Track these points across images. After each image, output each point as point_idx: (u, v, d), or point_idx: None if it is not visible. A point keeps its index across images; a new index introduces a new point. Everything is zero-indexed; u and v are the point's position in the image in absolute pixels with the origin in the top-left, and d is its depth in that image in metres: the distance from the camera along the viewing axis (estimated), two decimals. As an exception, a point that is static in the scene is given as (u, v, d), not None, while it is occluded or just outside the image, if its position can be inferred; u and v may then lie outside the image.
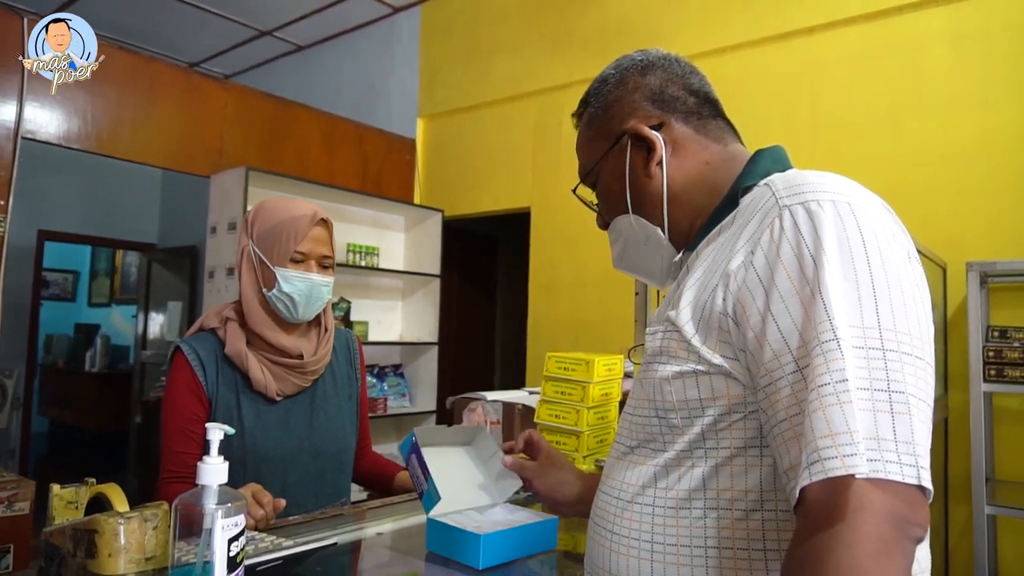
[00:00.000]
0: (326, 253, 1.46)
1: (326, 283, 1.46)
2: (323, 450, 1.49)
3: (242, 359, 1.41)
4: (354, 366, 1.63)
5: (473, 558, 1.08)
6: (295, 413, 1.47)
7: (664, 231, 0.86)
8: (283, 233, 1.41)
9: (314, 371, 1.49)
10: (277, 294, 1.41)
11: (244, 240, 1.46)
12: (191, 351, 1.41)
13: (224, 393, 1.40)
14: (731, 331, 0.69)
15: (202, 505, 0.78)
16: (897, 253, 0.66)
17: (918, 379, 0.61)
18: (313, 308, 1.45)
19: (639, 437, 0.79)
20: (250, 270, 1.44)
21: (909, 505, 0.57)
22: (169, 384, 1.40)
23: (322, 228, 1.46)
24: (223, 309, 1.47)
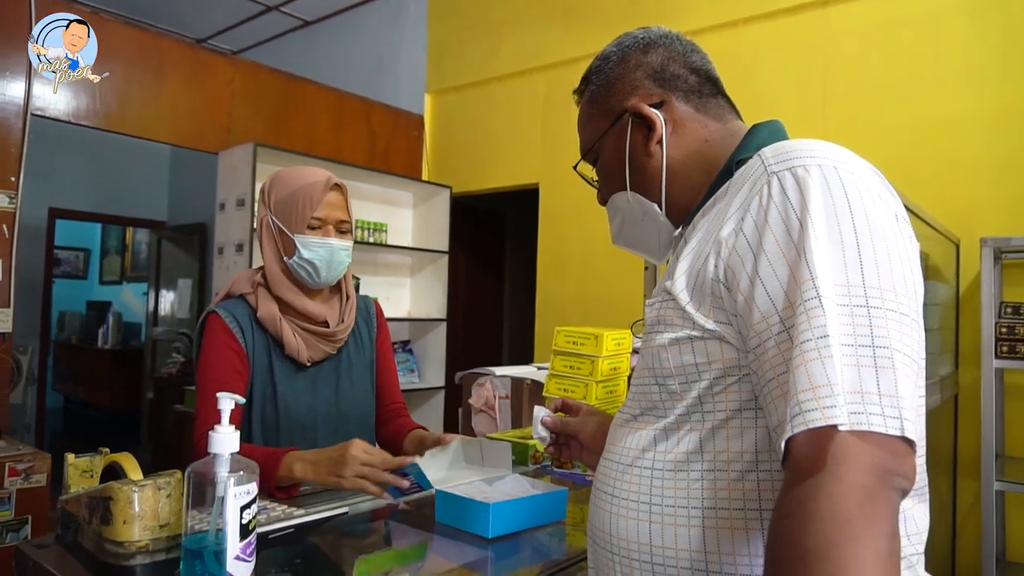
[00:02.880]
0: (343, 217, 1.48)
1: (345, 247, 1.47)
2: (348, 415, 1.53)
3: (276, 324, 1.43)
4: (373, 331, 1.64)
5: (482, 527, 1.10)
6: (322, 379, 1.50)
7: (661, 207, 0.88)
8: (299, 200, 1.43)
9: (341, 339, 1.52)
10: (298, 261, 1.43)
11: (262, 211, 1.48)
12: (227, 314, 1.43)
13: (260, 357, 1.43)
14: (723, 296, 0.71)
15: (215, 473, 0.80)
16: (883, 213, 0.67)
17: (903, 335, 0.62)
18: (335, 273, 1.47)
19: (642, 405, 0.81)
20: (270, 239, 1.46)
21: (893, 456, 0.58)
22: (207, 345, 1.41)
23: (337, 193, 1.47)
24: (253, 275, 1.49)
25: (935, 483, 0.75)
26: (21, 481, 2.37)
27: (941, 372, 2.39)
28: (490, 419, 2.12)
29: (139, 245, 7.49)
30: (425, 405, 4.26)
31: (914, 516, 0.72)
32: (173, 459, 2.63)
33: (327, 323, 1.49)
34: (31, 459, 2.40)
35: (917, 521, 0.72)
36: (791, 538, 0.56)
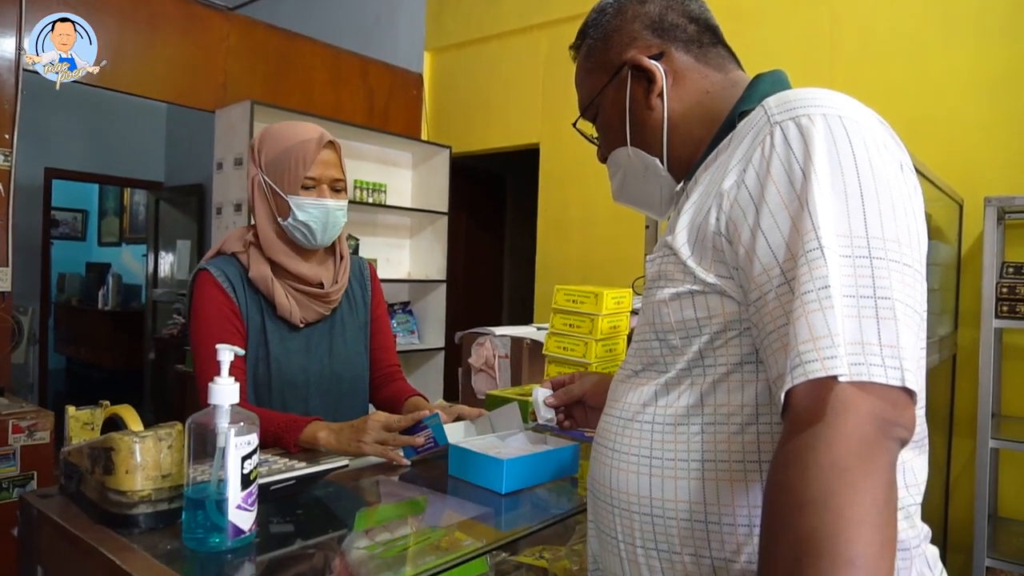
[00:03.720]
0: (337, 176, 1.44)
1: (340, 207, 1.44)
2: (342, 376, 1.52)
3: (267, 285, 1.41)
4: (367, 292, 1.63)
5: (496, 483, 1.10)
6: (316, 340, 1.49)
7: (663, 162, 0.86)
8: (291, 159, 1.39)
9: (334, 300, 1.50)
10: (293, 223, 1.40)
11: (253, 170, 1.44)
12: (219, 272, 1.41)
13: (252, 316, 1.42)
14: (725, 250, 0.70)
15: (215, 424, 0.80)
16: (888, 163, 0.66)
17: (906, 286, 0.62)
18: (331, 234, 1.45)
19: (643, 361, 0.81)
20: (263, 200, 1.43)
21: (893, 406, 0.58)
22: (199, 304, 1.39)
23: (330, 151, 1.43)
24: (244, 234, 1.47)
25: (931, 442, 0.75)
26: (25, 438, 2.39)
27: (940, 332, 2.40)
28: (490, 378, 2.13)
29: (137, 206, 7.46)
30: (425, 366, 4.28)
31: (913, 467, 0.72)
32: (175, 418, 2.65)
33: (321, 284, 1.47)
34: (34, 416, 2.42)
35: (916, 472, 0.73)
36: (790, 488, 0.56)
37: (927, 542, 0.73)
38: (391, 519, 1.10)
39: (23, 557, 0.96)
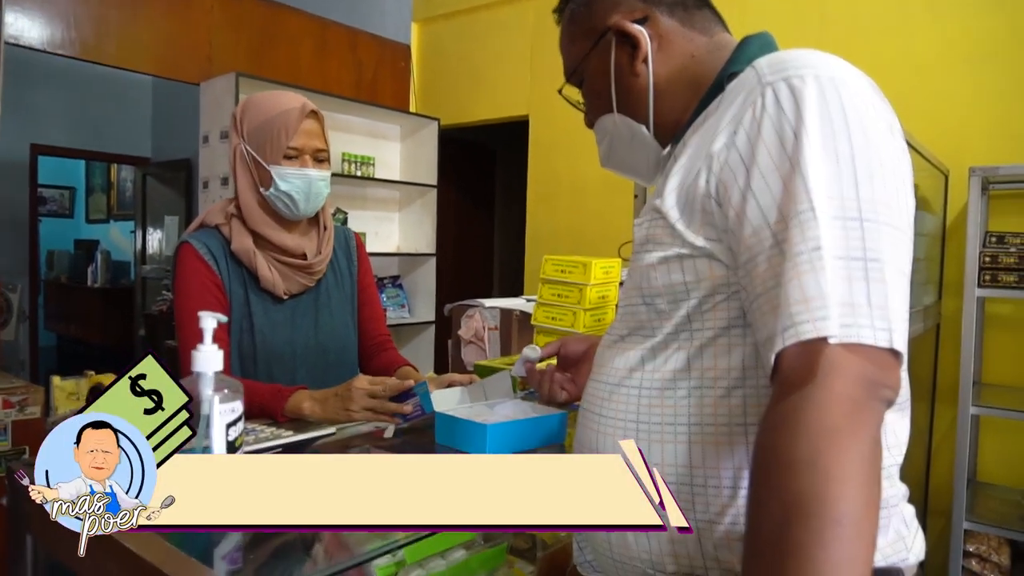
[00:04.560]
0: (320, 146, 1.42)
1: (323, 177, 1.43)
2: (328, 347, 1.51)
3: (250, 257, 1.40)
4: (353, 263, 1.62)
5: (479, 448, 1.10)
6: (301, 312, 1.48)
7: (649, 128, 0.85)
8: (274, 129, 1.37)
9: (319, 271, 1.49)
10: (275, 193, 1.38)
11: (235, 139, 1.42)
12: (201, 244, 1.39)
13: (235, 289, 1.41)
14: (714, 212, 0.69)
15: (199, 392, 0.79)
16: (878, 126, 0.65)
17: (894, 247, 0.62)
18: (313, 204, 1.43)
19: (630, 326, 0.80)
20: (244, 170, 1.41)
21: (881, 368, 0.58)
22: (182, 278, 1.38)
23: (313, 120, 1.42)
24: (226, 206, 1.45)
25: (914, 410, 0.76)
26: (16, 413, 2.38)
27: (925, 302, 2.41)
28: (479, 350, 2.13)
29: (124, 183, 7.37)
30: (415, 340, 4.28)
31: (895, 429, 0.73)
32: (166, 391, 2.63)
33: (305, 256, 1.45)
34: (24, 391, 2.40)
35: (898, 433, 0.73)
36: (779, 448, 0.56)
37: (905, 501, 0.74)
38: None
39: (12, 526, 0.95)
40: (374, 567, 1.03)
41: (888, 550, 0.70)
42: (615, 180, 0.99)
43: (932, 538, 2.63)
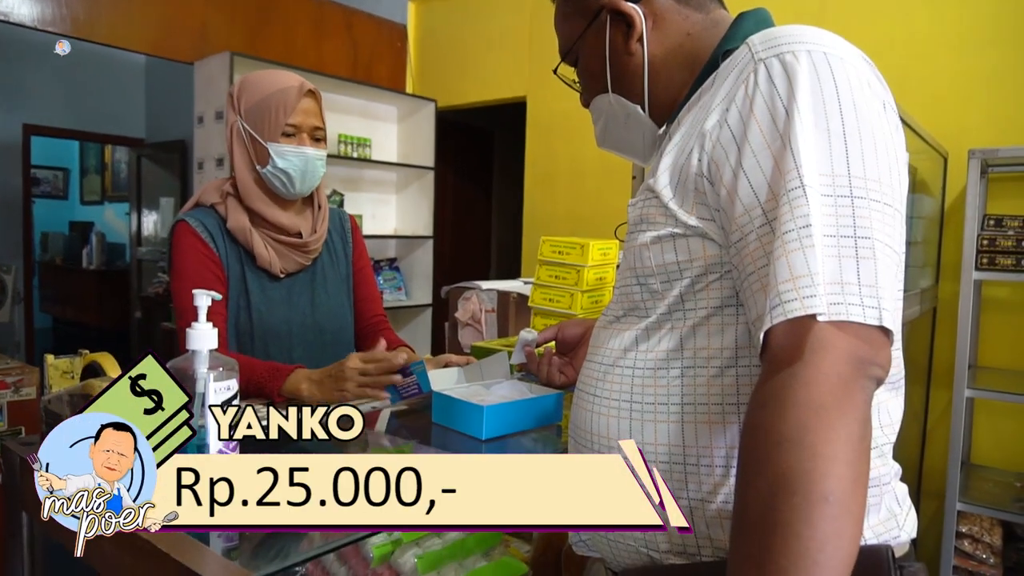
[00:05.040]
0: (317, 124, 1.43)
1: (320, 156, 1.43)
2: (325, 327, 1.52)
3: (246, 235, 1.40)
4: (348, 243, 1.62)
5: (476, 429, 1.11)
6: (297, 291, 1.49)
7: (644, 108, 0.85)
8: (272, 107, 1.38)
9: (314, 249, 1.49)
10: (272, 170, 1.39)
11: (232, 117, 1.43)
12: (197, 222, 1.39)
13: (233, 266, 1.41)
14: (706, 191, 0.69)
15: (194, 370, 0.79)
16: (872, 102, 0.65)
17: (886, 225, 0.62)
18: (310, 183, 1.44)
19: (624, 307, 0.81)
20: (241, 147, 1.42)
21: (870, 345, 0.58)
22: (179, 255, 1.38)
23: (311, 99, 1.42)
24: (222, 184, 1.45)
25: (909, 394, 0.76)
26: (11, 394, 2.38)
27: (922, 285, 2.42)
28: (476, 332, 2.13)
29: (119, 164, 7.33)
30: (413, 322, 4.28)
31: (888, 407, 0.73)
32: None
33: (300, 234, 1.46)
34: (19, 372, 2.41)
35: (891, 412, 0.74)
36: (767, 426, 0.56)
37: (897, 479, 0.75)
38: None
39: (7, 503, 0.96)
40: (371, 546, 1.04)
41: (880, 527, 0.70)
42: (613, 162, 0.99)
43: (925, 519, 2.66)
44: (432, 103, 4.15)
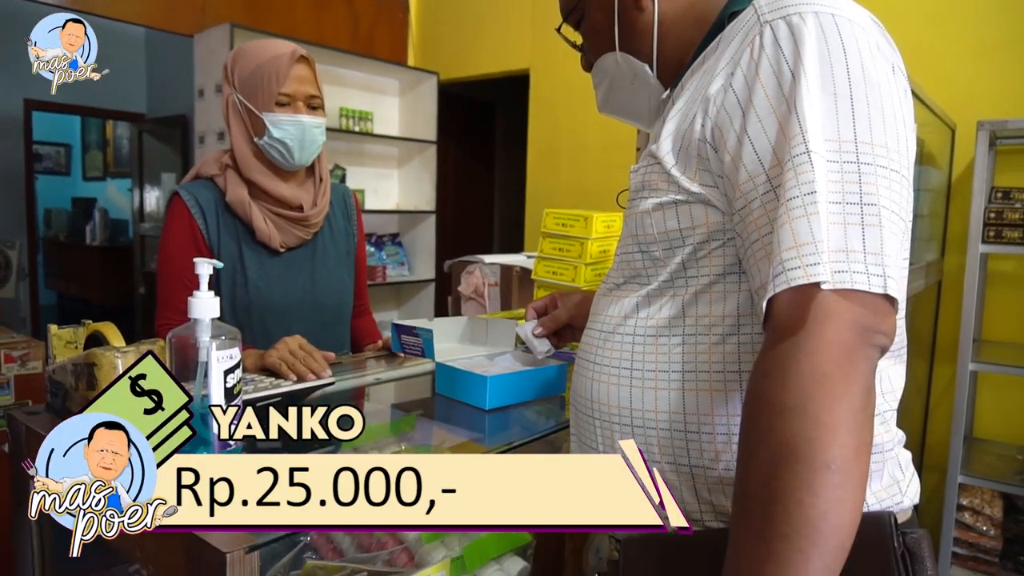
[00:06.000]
0: (312, 92, 1.41)
1: (317, 124, 1.42)
2: (324, 303, 1.51)
3: (245, 208, 1.39)
4: (351, 222, 1.61)
5: (480, 399, 1.12)
6: (297, 266, 1.48)
7: (652, 68, 0.83)
8: (264, 76, 1.36)
9: (315, 223, 1.48)
10: (269, 141, 1.37)
11: (227, 89, 1.41)
12: (190, 197, 1.39)
13: (227, 243, 1.40)
14: (710, 157, 0.68)
15: (196, 339, 0.79)
16: (880, 65, 0.64)
17: (892, 192, 0.61)
18: (308, 152, 1.42)
19: (625, 274, 0.80)
20: (238, 119, 1.41)
21: (875, 313, 0.58)
22: (167, 232, 1.39)
23: (304, 66, 1.40)
24: (221, 156, 1.44)
25: (913, 368, 0.76)
26: (18, 367, 2.40)
27: (927, 258, 2.41)
28: (479, 306, 2.14)
29: (120, 139, 7.30)
30: (415, 298, 4.29)
31: (890, 375, 0.73)
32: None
33: (301, 207, 1.44)
34: (25, 346, 2.42)
35: (892, 380, 0.74)
36: (769, 395, 0.56)
37: (900, 446, 0.75)
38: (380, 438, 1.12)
39: (14, 473, 0.97)
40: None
41: (882, 494, 0.70)
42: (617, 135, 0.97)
43: (927, 492, 2.66)
44: (434, 76, 4.12)
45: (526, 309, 1.17)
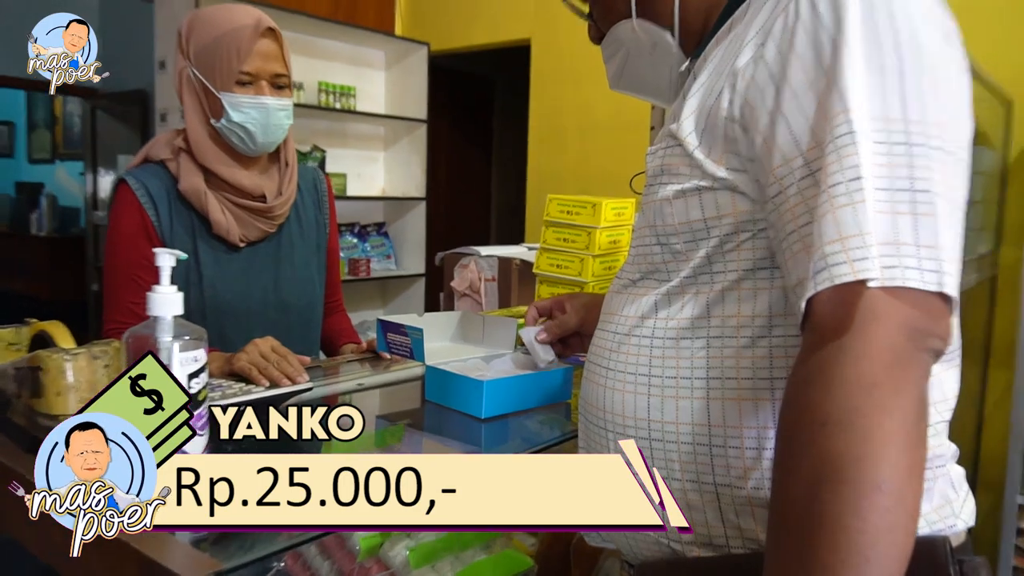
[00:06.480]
0: (278, 70, 1.39)
1: (283, 107, 1.40)
2: (290, 304, 1.50)
3: (200, 198, 1.37)
4: (323, 210, 1.60)
5: (475, 407, 1.11)
6: (259, 262, 1.47)
7: (674, 35, 0.82)
8: (223, 50, 1.34)
9: (280, 214, 1.47)
10: (227, 125, 1.36)
11: (181, 61, 1.39)
12: (139, 185, 1.37)
13: (180, 236, 1.39)
14: (738, 138, 0.68)
15: (156, 339, 0.79)
16: (933, 34, 0.63)
17: (947, 176, 0.60)
18: (272, 138, 1.41)
19: (642, 269, 0.80)
20: (193, 98, 1.38)
21: (928, 314, 0.57)
22: (114, 223, 1.37)
23: (270, 40, 1.38)
24: (174, 138, 1.42)
25: (964, 373, 0.76)
26: (-46, 374, 2.40)
27: (979, 250, 2.40)
28: (475, 303, 2.14)
29: (71, 117, 7.30)
30: (403, 295, 4.29)
31: (941, 382, 0.73)
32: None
33: (264, 197, 1.43)
34: (-37, 350, 2.42)
35: (944, 387, 0.73)
36: (810, 406, 0.56)
37: (953, 462, 0.74)
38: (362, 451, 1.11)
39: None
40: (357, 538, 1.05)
41: (933, 516, 0.70)
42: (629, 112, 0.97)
43: (981, 513, 2.64)
44: (424, 47, 4.13)
45: (527, 309, 1.16)
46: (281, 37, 1.41)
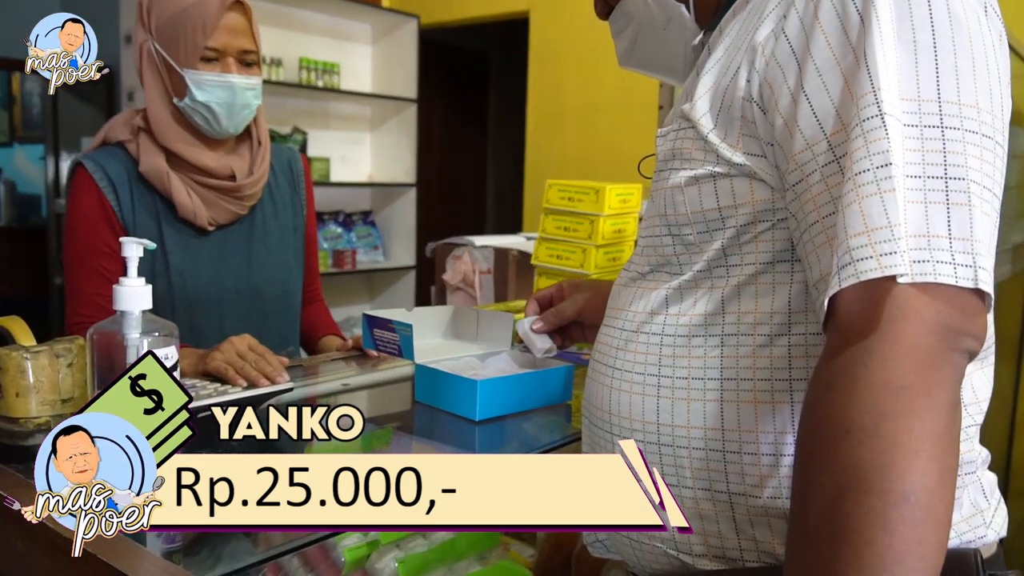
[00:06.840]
0: (246, 47, 1.39)
1: (251, 85, 1.40)
2: (264, 291, 1.51)
3: (163, 179, 1.38)
4: (299, 191, 1.61)
5: (469, 408, 1.11)
6: (230, 247, 1.47)
7: (690, 8, 0.82)
8: (187, 24, 1.34)
9: (251, 195, 1.47)
10: (191, 104, 1.36)
11: (141, 35, 1.39)
12: (97, 168, 1.37)
13: (144, 221, 1.39)
14: (757, 120, 0.68)
15: (123, 335, 0.79)
16: (970, 6, 0.63)
17: (984, 163, 0.60)
18: (240, 118, 1.41)
19: (652, 262, 0.80)
20: (154, 74, 1.38)
21: (962, 313, 0.57)
22: (72, 210, 1.38)
23: (238, 14, 1.38)
24: (132, 117, 1.42)
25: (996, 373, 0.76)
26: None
27: (1014, 240, 2.41)
28: (469, 297, 2.14)
29: (30, 97, 7.28)
30: (391, 288, 4.30)
31: (973, 383, 0.73)
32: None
33: (233, 177, 1.43)
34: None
35: (977, 389, 0.73)
36: (834, 411, 0.56)
37: (984, 468, 0.74)
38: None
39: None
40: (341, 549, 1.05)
41: (963, 526, 0.70)
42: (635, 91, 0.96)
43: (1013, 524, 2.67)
44: (414, 20, 4.12)
45: (527, 302, 1.16)
46: (250, 10, 1.41)
